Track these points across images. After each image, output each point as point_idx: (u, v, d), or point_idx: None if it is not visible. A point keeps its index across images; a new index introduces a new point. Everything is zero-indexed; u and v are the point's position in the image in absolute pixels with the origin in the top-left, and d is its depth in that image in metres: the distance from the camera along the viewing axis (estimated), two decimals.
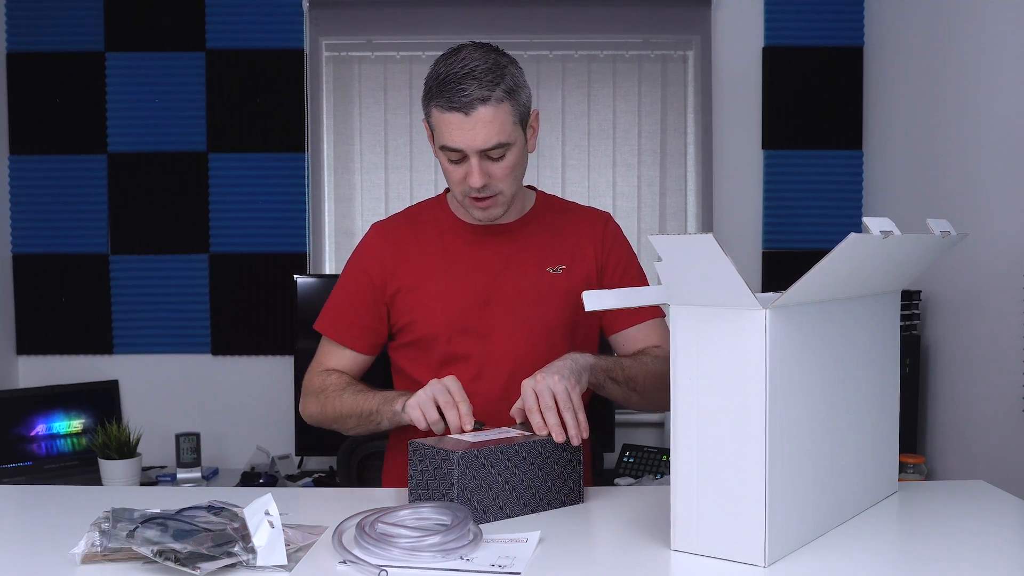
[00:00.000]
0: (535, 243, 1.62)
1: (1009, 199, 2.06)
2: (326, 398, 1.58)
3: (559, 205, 1.71)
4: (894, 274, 1.23)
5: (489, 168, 1.47)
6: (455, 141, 1.44)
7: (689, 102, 3.09)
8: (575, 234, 1.65)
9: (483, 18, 3.05)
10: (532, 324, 1.58)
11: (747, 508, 1.02)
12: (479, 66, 1.43)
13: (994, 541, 1.14)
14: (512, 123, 1.46)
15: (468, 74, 1.42)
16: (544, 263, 1.61)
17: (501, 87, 1.43)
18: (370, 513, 1.12)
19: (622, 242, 1.69)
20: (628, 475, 2.74)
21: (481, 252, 1.61)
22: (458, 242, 1.62)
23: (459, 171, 1.48)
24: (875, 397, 1.26)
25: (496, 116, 1.43)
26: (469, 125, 1.42)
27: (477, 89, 1.41)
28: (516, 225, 1.63)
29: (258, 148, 3.04)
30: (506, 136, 1.45)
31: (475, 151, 1.44)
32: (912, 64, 2.63)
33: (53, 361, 3.08)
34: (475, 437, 1.28)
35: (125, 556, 1.03)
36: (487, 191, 1.49)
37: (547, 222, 1.65)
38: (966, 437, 2.27)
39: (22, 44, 3.02)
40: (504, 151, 1.47)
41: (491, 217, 1.55)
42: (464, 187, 1.49)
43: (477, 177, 1.46)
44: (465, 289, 1.58)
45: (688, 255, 1.01)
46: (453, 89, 1.42)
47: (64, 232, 3.05)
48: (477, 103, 1.41)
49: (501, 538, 1.10)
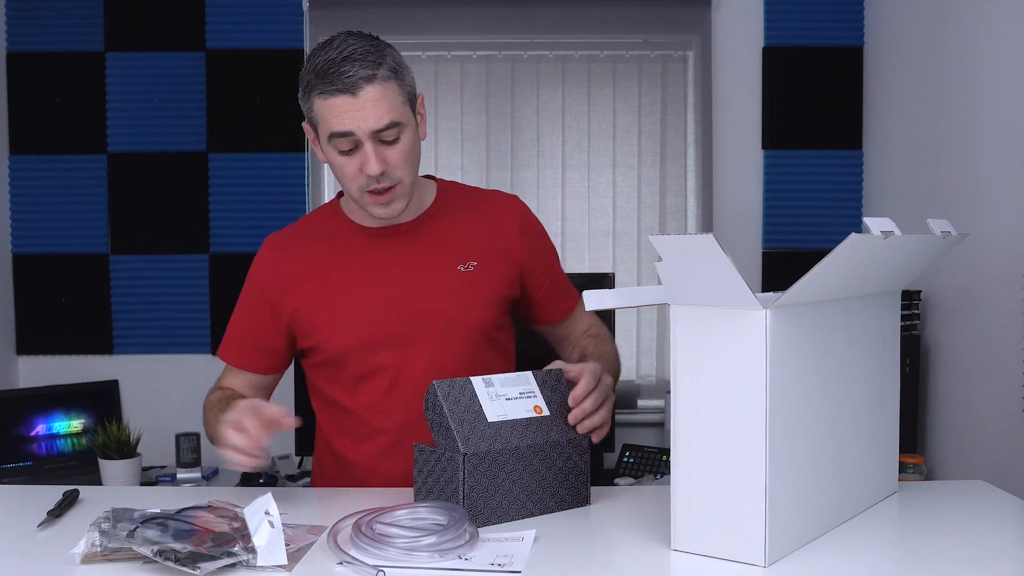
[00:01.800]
0: (441, 240, 1.53)
1: (1009, 199, 2.06)
2: (206, 416, 1.52)
3: (463, 193, 1.62)
4: (894, 274, 1.23)
5: (384, 154, 1.39)
6: (344, 124, 1.36)
7: (689, 102, 3.09)
8: (485, 223, 1.56)
9: (483, 18, 3.05)
10: (450, 328, 1.49)
11: (747, 508, 1.02)
12: (357, 49, 1.38)
13: (994, 541, 1.14)
14: (401, 103, 1.40)
15: (347, 58, 1.37)
16: (453, 261, 1.52)
17: (384, 66, 1.39)
18: (366, 513, 1.12)
19: (543, 234, 1.63)
20: (628, 475, 2.74)
21: (385, 256, 1.52)
22: (358, 248, 1.53)
23: (353, 163, 1.40)
24: (875, 397, 1.26)
25: (384, 94, 1.37)
26: (357, 106, 1.36)
27: (360, 69, 1.36)
28: (418, 222, 1.54)
29: (258, 148, 3.04)
30: (397, 115, 1.39)
31: (368, 133, 1.37)
32: (912, 64, 2.63)
33: (53, 361, 3.08)
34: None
35: (125, 556, 1.03)
36: (385, 180, 1.40)
37: (451, 215, 1.56)
38: (966, 437, 2.27)
39: (22, 44, 3.02)
40: (398, 132, 1.40)
41: (393, 212, 1.45)
42: (360, 181, 1.41)
43: (374, 162, 1.37)
44: (372, 299, 1.49)
45: (688, 255, 1.01)
46: (335, 73, 1.36)
47: (64, 232, 3.05)
48: (363, 82, 1.35)
49: (497, 537, 1.11)
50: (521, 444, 1.24)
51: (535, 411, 1.28)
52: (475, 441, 1.20)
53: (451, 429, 1.20)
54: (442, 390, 1.22)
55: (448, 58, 3.07)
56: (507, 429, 1.24)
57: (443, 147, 3.09)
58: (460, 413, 1.22)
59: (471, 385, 1.25)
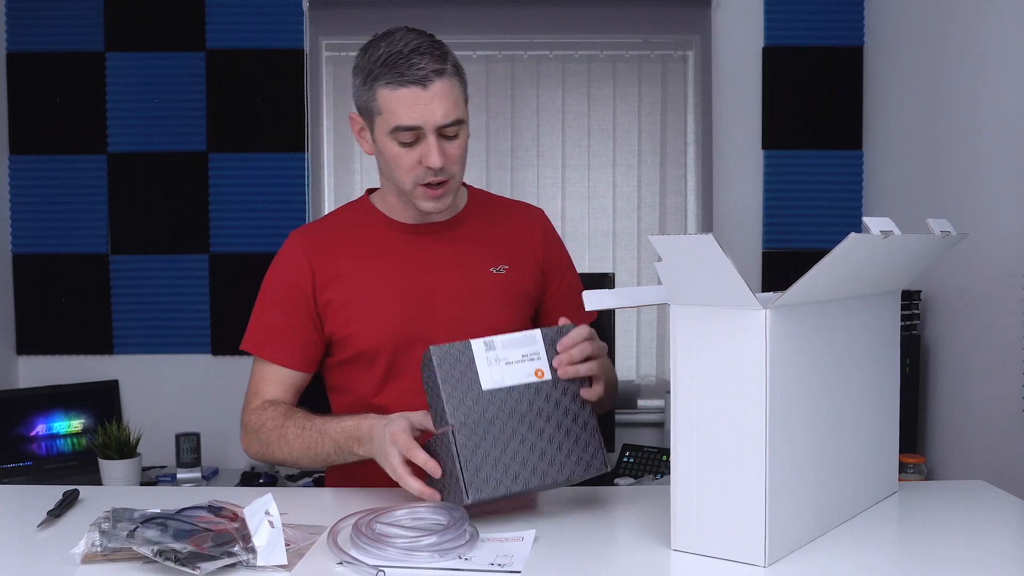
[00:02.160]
0: (475, 241, 1.54)
1: (1009, 199, 2.06)
2: (268, 438, 1.45)
3: (492, 200, 1.64)
4: (894, 274, 1.23)
5: (445, 148, 1.39)
6: (412, 118, 1.36)
7: (689, 102, 3.09)
8: (513, 232, 1.58)
9: (483, 18, 3.05)
10: (481, 328, 1.46)
11: (747, 508, 1.02)
12: (423, 43, 1.38)
13: (994, 541, 1.14)
14: (463, 100, 1.41)
15: (415, 50, 1.37)
16: (486, 263, 1.53)
17: (450, 61, 1.39)
18: (366, 513, 1.12)
19: (560, 243, 1.66)
20: (628, 475, 2.74)
21: (420, 252, 1.51)
22: (392, 243, 1.52)
23: (412, 155, 1.40)
24: (875, 397, 1.26)
25: (451, 90, 1.38)
26: (426, 99, 1.35)
27: (430, 62, 1.36)
28: (453, 222, 1.55)
29: (258, 148, 3.04)
30: (461, 112, 1.40)
31: (434, 127, 1.37)
32: (912, 64, 2.63)
33: (53, 361, 3.08)
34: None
35: (125, 556, 1.03)
36: (442, 174, 1.40)
37: (483, 219, 1.57)
38: (966, 437, 2.27)
39: (22, 44, 3.02)
40: (459, 129, 1.40)
41: (442, 206, 1.45)
42: (417, 173, 1.40)
43: (436, 155, 1.37)
44: (406, 294, 1.49)
45: (688, 255, 1.01)
46: (404, 64, 1.35)
47: (64, 232, 3.05)
48: (433, 75, 1.35)
49: (497, 537, 1.10)
50: (516, 408, 1.19)
51: (536, 375, 1.22)
52: (465, 411, 1.17)
53: (441, 398, 1.17)
54: (438, 355, 1.18)
55: None
56: (501, 397, 1.20)
57: None
58: (454, 381, 1.18)
59: (470, 350, 1.20)
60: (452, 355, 1.19)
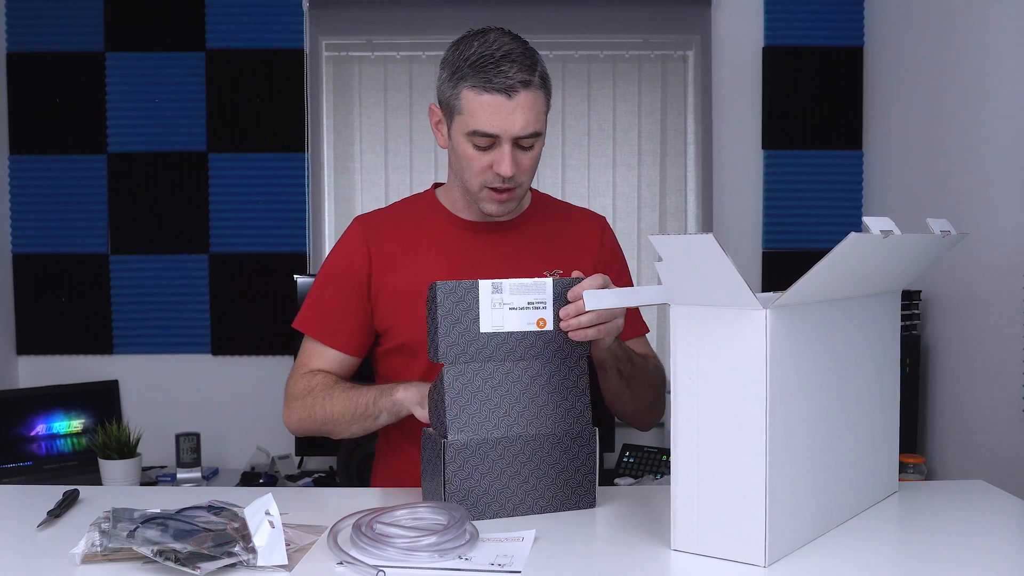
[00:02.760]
0: (533, 244, 1.56)
1: (1009, 199, 2.06)
2: (313, 400, 1.49)
3: (555, 205, 1.65)
4: (894, 274, 1.23)
5: (518, 158, 1.41)
6: (492, 125, 1.37)
7: (689, 102, 3.09)
8: (572, 237, 1.59)
9: (483, 18, 3.03)
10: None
11: (747, 508, 1.02)
12: (515, 49, 1.38)
13: (994, 541, 1.14)
14: (544, 112, 1.42)
15: (506, 56, 1.37)
16: (542, 265, 1.54)
17: (538, 72, 1.39)
18: (366, 513, 1.12)
19: (617, 249, 1.65)
20: (628, 475, 2.74)
21: (476, 250, 1.53)
22: (451, 239, 1.54)
23: (484, 159, 1.41)
24: (875, 397, 1.26)
25: (535, 102, 1.38)
26: (509, 109, 1.36)
27: (519, 72, 1.36)
28: (514, 223, 1.57)
29: (258, 148, 3.04)
30: (540, 125, 1.40)
31: (511, 137, 1.38)
32: (912, 64, 2.63)
33: (53, 361, 3.08)
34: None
35: (125, 556, 1.03)
36: (511, 182, 1.42)
37: (544, 222, 1.59)
38: (966, 437, 2.27)
39: (22, 44, 3.02)
40: (534, 141, 1.41)
41: (506, 211, 1.48)
42: (486, 176, 1.42)
43: (509, 164, 1.38)
44: None
45: (688, 255, 1.01)
46: (493, 70, 1.35)
47: (64, 232, 3.05)
48: (519, 86, 1.36)
49: (497, 537, 1.10)
50: (511, 354, 1.20)
51: (538, 324, 1.22)
52: (459, 350, 1.18)
53: (438, 334, 1.17)
54: (443, 291, 1.18)
55: None
56: (497, 342, 1.20)
57: None
58: (453, 318, 1.18)
59: (476, 289, 1.19)
60: (457, 292, 1.19)
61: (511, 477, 1.21)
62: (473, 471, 1.19)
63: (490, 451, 1.20)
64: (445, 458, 1.18)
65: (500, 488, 1.20)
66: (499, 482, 1.20)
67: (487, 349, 1.20)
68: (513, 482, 1.21)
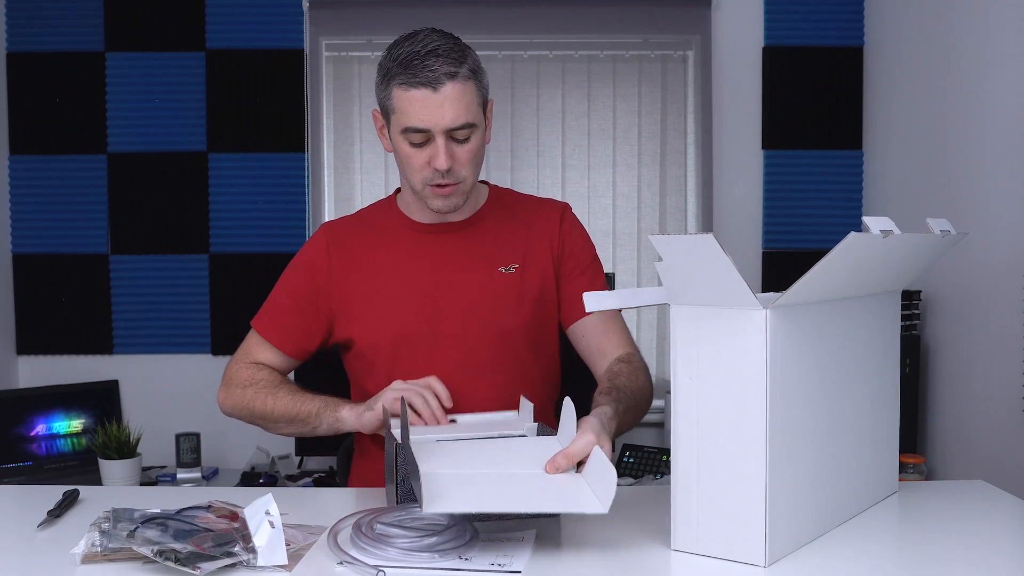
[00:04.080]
0: (486, 242, 1.56)
1: (1009, 199, 2.06)
2: (255, 393, 1.54)
3: (513, 199, 1.64)
4: (894, 274, 1.23)
5: (454, 151, 1.41)
6: (421, 120, 1.38)
7: (689, 102, 3.09)
8: (529, 229, 1.58)
9: (483, 18, 3.05)
10: (485, 328, 1.51)
11: (747, 508, 1.02)
12: (441, 45, 1.40)
13: (994, 541, 1.14)
14: (477, 104, 1.42)
15: (432, 52, 1.38)
16: (495, 263, 1.54)
17: (466, 65, 1.40)
18: (366, 513, 1.12)
19: (579, 233, 1.63)
20: (628, 475, 2.74)
21: (430, 253, 1.54)
22: (406, 243, 1.55)
23: (421, 155, 1.42)
24: (875, 397, 1.26)
25: (464, 93, 1.39)
26: (437, 102, 1.37)
27: (444, 65, 1.37)
28: (467, 223, 1.57)
29: (258, 148, 3.04)
30: (472, 116, 1.41)
31: (442, 130, 1.39)
32: (912, 64, 2.63)
33: (53, 361, 3.08)
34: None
35: (125, 556, 1.03)
36: (450, 176, 1.42)
37: (499, 218, 1.59)
38: (966, 437, 2.27)
39: (22, 44, 3.02)
40: (470, 133, 1.42)
41: (452, 205, 1.47)
42: (426, 173, 1.43)
43: (443, 158, 1.39)
44: (413, 294, 1.52)
45: (688, 255, 1.01)
46: (419, 66, 1.37)
47: (64, 232, 3.05)
48: (444, 78, 1.37)
49: (498, 537, 1.10)
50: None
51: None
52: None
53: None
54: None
55: None
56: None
57: None
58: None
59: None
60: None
61: None
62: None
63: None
64: (397, 461, 1.17)
65: None
66: None
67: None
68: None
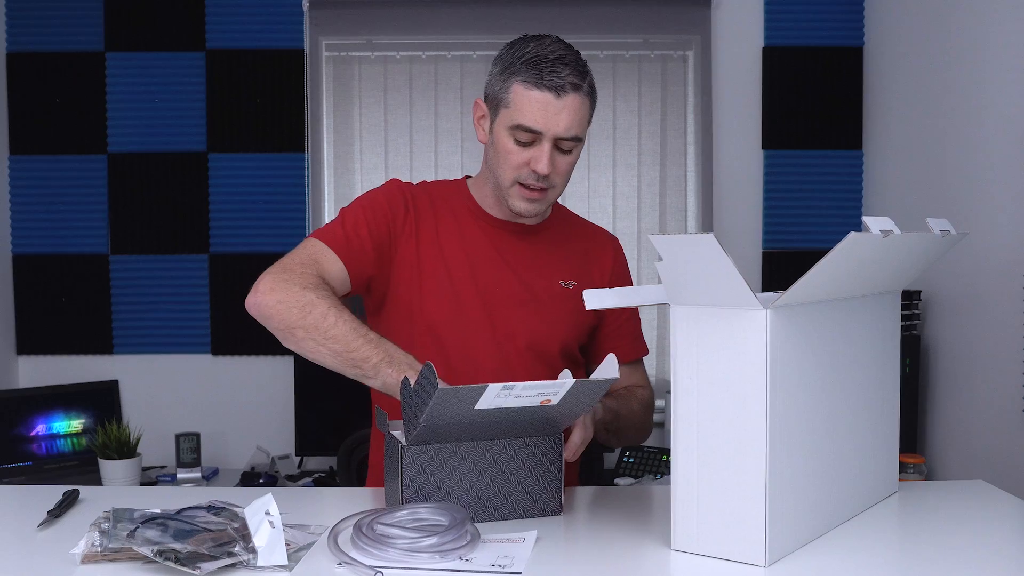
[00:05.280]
0: (551, 252, 1.57)
1: (1009, 199, 2.06)
2: (318, 299, 1.32)
3: (573, 219, 1.67)
4: (894, 274, 1.23)
5: (556, 159, 1.42)
6: (536, 122, 1.39)
7: (689, 102, 3.09)
8: (587, 251, 1.61)
9: (483, 18, 3.05)
10: (530, 333, 1.50)
11: (747, 508, 1.02)
12: (568, 55, 1.41)
13: (994, 541, 1.14)
14: (587, 120, 1.44)
15: (560, 59, 1.39)
16: (558, 274, 1.55)
17: (587, 80, 1.42)
18: (367, 514, 1.12)
19: (627, 271, 1.67)
20: (628, 475, 2.74)
21: (500, 247, 1.54)
22: (474, 231, 1.54)
23: (523, 155, 1.42)
24: (875, 397, 1.26)
25: (582, 106, 1.41)
26: (556, 108, 1.38)
27: (570, 75, 1.38)
28: (536, 228, 1.58)
29: (258, 148, 3.04)
30: (582, 130, 1.42)
31: (553, 136, 1.39)
32: (912, 64, 2.63)
33: (53, 361, 3.08)
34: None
35: (125, 556, 1.03)
36: (545, 182, 1.43)
37: (563, 234, 1.61)
38: (966, 437, 2.27)
39: (22, 44, 3.02)
40: (574, 145, 1.43)
41: (535, 211, 1.48)
42: (522, 172, 1.43)
43: (546, 163, 1.40)
44: (473, 280, 1.49)
45: (688, 255, 1.01)
46: (546, 69, 1.38)
47: (64, 232, 3.05)
48: (569, 88, 1.38)
49: (498, 538, 1.10)
50: (478, 431, 1.15)
51: (541, 403, 1.12)
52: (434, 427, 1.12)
53: (418, 422, 1.11)
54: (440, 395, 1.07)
55: (448, 58, 3.07)
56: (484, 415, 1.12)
57: (443, 147, 3.09)
58: (439, 414, 1.10)
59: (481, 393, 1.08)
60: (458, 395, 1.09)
61: (472, 482, 1.18)
62: (432, 475, 1.16)
63: (451, 455, 1.17)
64: (403, 462, 1.16)
65: (461, 493, 1.17)
66: (460, 487, 1.17)
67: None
68: (475, 487, 1.18)
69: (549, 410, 1.14)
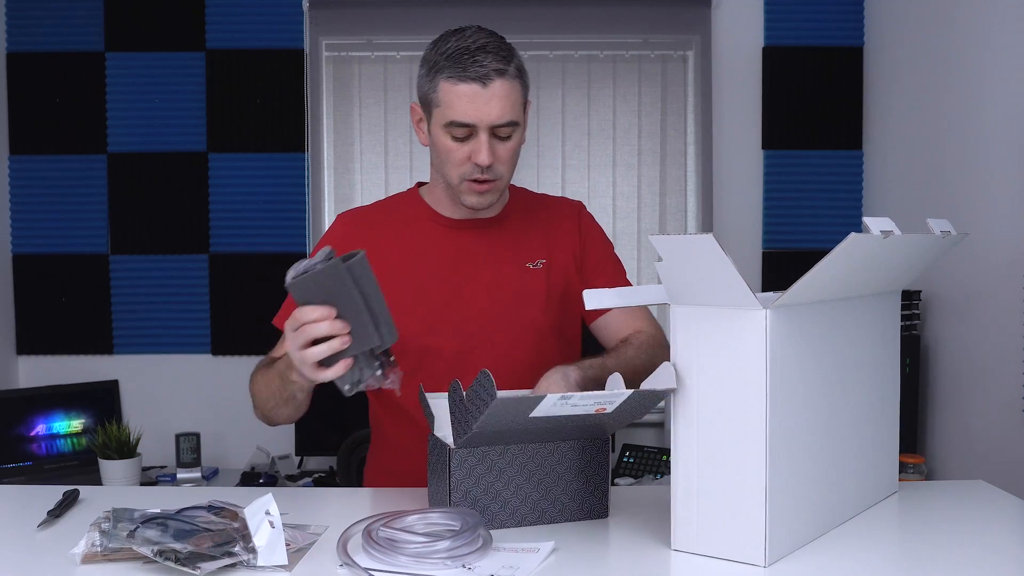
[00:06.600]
0: (514, 238, 1.56)
1: (1009, 199, 2.06)
2: (253, 384, 1.49)
3: (532, 198, 1.65)
4: (894, 274, 1.23)
5: (495, 148, 1.41)
6: (467, 115, 1.38)
7: (689, 102, 3.09)
8: (551, 227, 1.59)
9: (483, 18, 3.02)
10: (515, 322, 1.51)
11: (747, 508, 1.02)
12: (490, 42, 1.41)
13: (994, 541, 1.14)
14: (520, 103, 1.43)
15: (481, 48, 1.39)
16: (523, 258, 1.55)
17: (513, 63, 1.42)
18: (378, 518, 1.11)
19: (597, 230, 1.65)
20: (628, 475, 2.74)
21: (459, 247, 1.53)
22: (432, 236, 1.54)
23: (463, 150, 1.42)
24: (875, 397, 1.26)
25: (511, 91, 1.40)
26: (485, 98, 1.38)
27: (494, 61, 1.38)
28: (496, 220, 1.57)
29: (258, 148, 3.04)
30: (516, 114, 1.42)
31: (487, 126, 1.39)
32: (912, 64, 2.63)
33: (53, 361, 3.08)
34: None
35: (125, 556, 1.03)
36: (489, 173, 1.42)
37: (523, 216, 1.60)
38: (966, 437, 2.27)
39: (22, 44, 3.02)
40: (512, 131, 1.42)
41: (486, 203, 1.47)
42: (466, 168, 1.43)
43: (485, 153, 1.39)
44: (441, 285, 1.50)
45: (688, 255, 1.01)
46: (469, 61, 1.38)
47: (64, 232, 3.05)
48: (494, 75, 1.38)
49: (511, 547, 1.08)
50: (525, 433, 1.13)
51: (596, 411, 1.11)
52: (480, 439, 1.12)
53: (469, 427, 1.10)
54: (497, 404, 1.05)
55: None
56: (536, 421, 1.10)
57: None
58: (494, 422, 1.08)
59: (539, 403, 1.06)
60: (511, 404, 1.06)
61: (520, 485, 1.17)
62: (480, 478, 1.15)
63: (498, 458, 1.16)
64: (451, 464, 1.15)
65: (509, 496, 1.17)
66: (508, 490, 1.17)
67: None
68: (522, 490, 1.17)
69: (600, 417, 1.14)
